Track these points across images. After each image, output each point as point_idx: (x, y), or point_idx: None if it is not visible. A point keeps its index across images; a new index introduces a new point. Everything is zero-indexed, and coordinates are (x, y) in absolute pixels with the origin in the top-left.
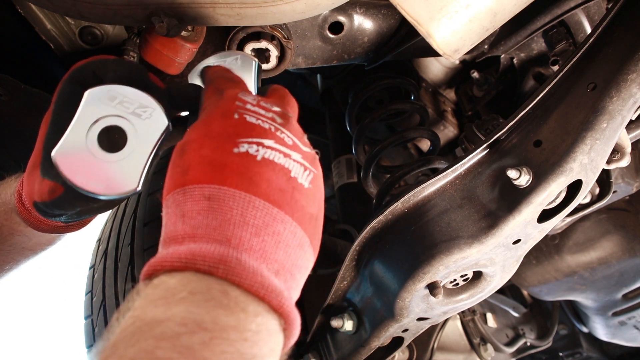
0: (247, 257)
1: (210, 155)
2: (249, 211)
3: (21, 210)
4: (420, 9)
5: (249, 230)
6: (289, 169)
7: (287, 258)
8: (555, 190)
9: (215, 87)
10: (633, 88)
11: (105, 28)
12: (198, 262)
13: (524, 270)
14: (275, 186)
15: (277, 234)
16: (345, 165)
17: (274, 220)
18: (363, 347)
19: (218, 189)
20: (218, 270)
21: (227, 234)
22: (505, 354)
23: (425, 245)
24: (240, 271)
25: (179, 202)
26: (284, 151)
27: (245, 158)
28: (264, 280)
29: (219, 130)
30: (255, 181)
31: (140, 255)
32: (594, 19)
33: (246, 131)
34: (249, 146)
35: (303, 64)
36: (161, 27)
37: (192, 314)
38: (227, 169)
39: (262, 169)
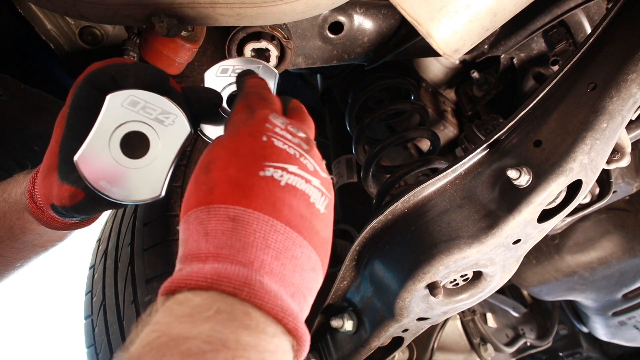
0: (269, 280)
1: (236, 176)
2: (271, 235)
3: (34, 210)
4: (420, 9)
5: (270, 253)
6: (309, 195)
7: (302, 281)
8: (555, 190)
9: (248, 103)
10: (633, 88)
11: (105, 28)
12: (223, 283)
13: (524, 270)
14: (297, 212)
15: (295, 258)
16: (345, 165)
17: (294, 244)
18: (363, 347)
19: (243, 211)
20: (242, 293)
21: (250, 256)
22: (505, 354)
23: (425, 245)
24: (263, 294)
25: (203, 220)
26: (306, 177)
27: (271, 183)
28: (283, 303)
29: (246, 151)
30: (278, 206)
31: (140, 255)
32: (594, 19)
33: (273, 155)
34: (274, 171)
35: (303, 64)
36: (161, 27)
37: (217, 333)
38: (253, 192)
39: (285, 194)
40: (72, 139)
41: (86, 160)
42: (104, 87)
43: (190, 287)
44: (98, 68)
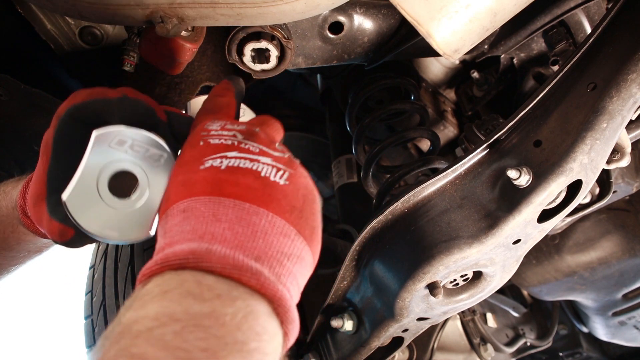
0: (220, 247)
1: (182, 178)
2: (220, 210)
3: (28, 224)
4: (420, 9)
5: (222, 225)
6: (258, 170)
7: (268, 245)
8: (555, 190)
9: (194, 123)
10: (633, 88)
11: (105, 28)
12: (170, 260)
13: (524, 270)
14: (245, 186)
15: (252, 225)
16: (345, 165)
17: (248, 213)
18: (363, 347)
19: (189, 201)
20: (189, 263)
21: (200, 232)
22: (505, 354)
23: (425, 245)
24: (210, 257)
25: (162, 225)
26: (250, 157)
27: (211, 170)
28: (237, 262)
29: (187, 159)
30: (222, 185)
31: (140, 255)
32: (594, 19)
33: (209, 151)
34: (212, 161)
35: (303, 64)
36: (161, 27)
37: (164, 308)
38: (196, 184)
39: (227, 175)
40: (58, 171)
41: (74, 200)
42: (88, 121)
43: (146, 277)
44: (80, 103)
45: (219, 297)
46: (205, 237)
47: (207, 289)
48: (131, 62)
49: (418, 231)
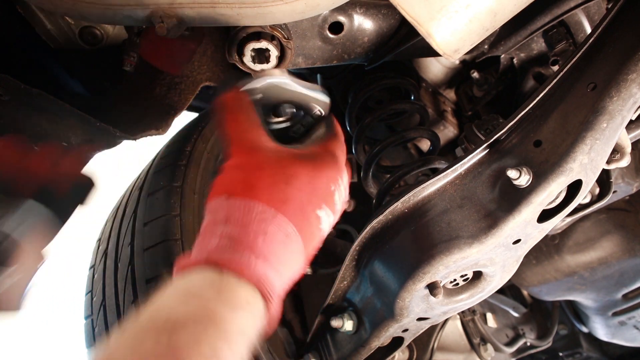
0: (279, 292)
1: (306, 205)
2: (295, 257)
3: None
4: (420, 9)
5: (289, 270)
6: (322, 236)
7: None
8: (555, 190)
9: (334, 149)
10: (633, 88)
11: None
12: (264, 284)
13: (524, 270)
14: (311, 244)
15: (292, 273)
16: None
17: (298, 265)
18: (363, 347)
19: (295, 233)
20: (269, 297)
21: (282, 270)
22: (505, 354)
23: (425, 245)
24: (273, 299)
25: (267, 222)
26: (330, 225)
27: (318, 220)
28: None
29: (321, 188)
30: (309, 238)
31: (140, 255)
32: (594, 19)
33: (329, 202)
34: (324, 213)
35: (303, 64)
36: (161, 27)
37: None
38: (308, 223)
39: (317, 232)
40: None
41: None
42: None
43: (242, 274)
44: None
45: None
46: (283, 278)
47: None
48: (131, 62)
49: (418, 231)
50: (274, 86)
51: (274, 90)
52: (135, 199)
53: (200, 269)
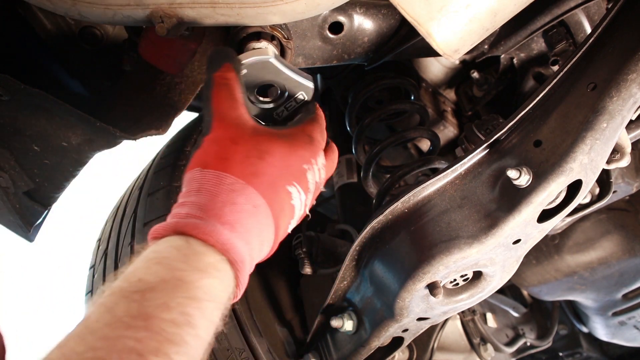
0: (248, 259)
1: (276, 179)
2: (266, 231)
3: None
4: (420, 9)
5: (257, 244)
6: (294, 215)
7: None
8: (555, 190)
9: (312, 131)
10: (633, 88)
11: (105, 28)
12: (229, 251)
13: (524, 270)
14: (284, 224)
15: (261, 247)
16: (345, 165)
17: (269, 244)
18: (363, 347)
19: (264, 205)
20: (236, 263)
21: (250, 239)
22: (505, 354)
23: (425, 245)
24: (240, 264)
25: (237, 193)
26: (301, 206)
27: (288, 196)
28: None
29: (294, 165)
30: (280, 214)
31: None
32: (594, 19)
33: (301, 181)
34: (294, 190)
35: (303, 64)
36: (161, 27)
37: (214, 289)
38: (278, 196)
39: (288, 209)
40: None
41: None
42: None
43: (212, 242)
44: None
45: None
46: (249, 243)
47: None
48: (131, 62)
49: (418, 231)
50: (260, 63)
51: (259, 67)
52: (135, 199)
53: (169, 237)
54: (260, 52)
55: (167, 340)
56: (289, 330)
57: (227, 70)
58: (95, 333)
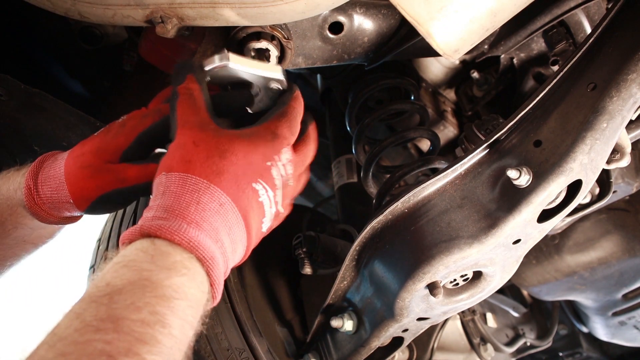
0: (220, 259)
1: (241, 176)
2: (236, 229)
3: (30, 204)
4: (420, 9)
5: (229, 243)
6: (265, 215)
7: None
8: (555, 190)
9: (272, 129)
10: (633, 88)
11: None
12: (195, 248)
13: (524, 270)
14: (254, 222)
15: (235, 253)
16: (345, 165)
17: (242, 245)
18: (363, 347)
19: (230, 203)
20: (206, 262)
21: (221, 237)
22: (505, 354)
23: (425, 245)
24: (217, 269)
25: (201, 192)
26: (272, 204)
27: (255, 194)
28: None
29: (256, 163)
30: (249, 212)
31: None
32: (594, 19)
33: (266, 178)
34: (261, 188)
35: (303, 64)
36: (161, 27)
37: (184, 287)
38: (244, 193)
39: (257, 206)
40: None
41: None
42: None
43: (171, 238)
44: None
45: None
46: (219, 242)
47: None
48: (131, 62)
49: (418, 231)
50: (219, 69)
51: (221, 72)
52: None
53: (136, 241)
54: (221, 57)
55: (137, 340)
56: (289, 330)
57: (190, 82)
58: (64, 339)
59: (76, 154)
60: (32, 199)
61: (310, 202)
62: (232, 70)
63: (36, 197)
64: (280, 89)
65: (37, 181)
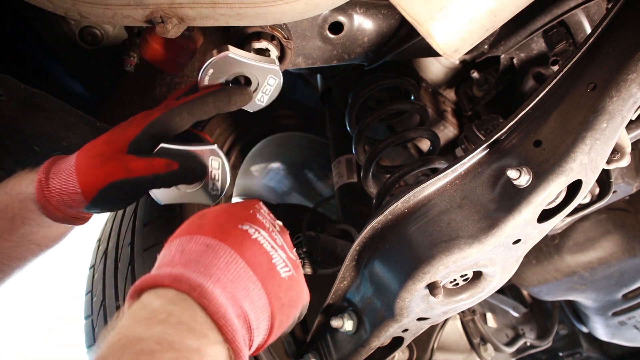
0: (220, 292)
1: (222, 222)
2: (232, 265)
3: (39, 197)
4: (420, 9)
5: (228, 276)
6: (271, 256)
7: (250, 310)
8: (555, 190)
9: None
10: (633, 88)
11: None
12: (182, 282)
13: (524, 270)
14: (257, 260)
15: (247, 289)
16: (345, 165)
17: (248, 279)
18: (363, 347)
19: (217, 242)
20: (194, 293)
21: (211, 271)
22: (505, 354)
23: (425, 245)
24: (211, 297)
25: (184, 243)
26: (272, 244)
27: (244, 233)
28: (227, 313)
29: (235, 212)
30: (244, 249)
31: (140, 255)
32: (594, 19)
33: (253, 220)
34: (250, 227)
35: (303, 64)
36: (161, 27)
37: (166, 335)
38: (229, 234)
39: (252, 244)
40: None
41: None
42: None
43: (154, 284)
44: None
45: (206, 337)
46: (213, 277)
47: (199, 327)
48: (131, 62)
49: (418, 231)
50: (221, 60)
51: (223, 64)
52: None
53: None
54: (220, 49)
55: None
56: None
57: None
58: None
59: (87, 147)
60: (42, 192)
61: (310, 202)
62: (231, 63)
63: (46, 190)
64: (277, 81)
65: (48, 175)
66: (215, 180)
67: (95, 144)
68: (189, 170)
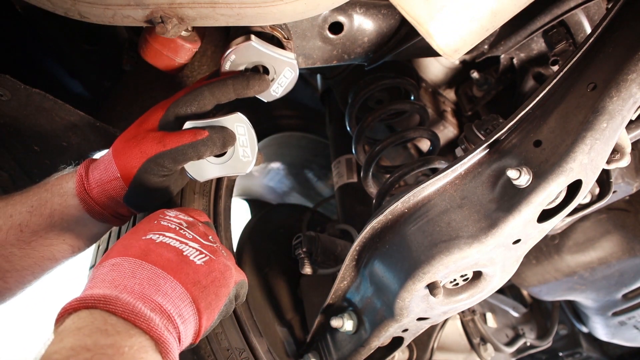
0: (127, 296)
1: (126, 242)
2: (138, 270)
3: (79, 190)
4: (420, 9)
5: (135, 281)
6: (182, 250)
7: (166, 302)
8: (555, 190)
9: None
10: (633, 88)
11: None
12: (87, 301)
13: (524, 270)
14: (164, 258)
15: (157, 285)
16: (345, 165)
17: (157, 276)
18: (363, 347)
19: (121, 259)
20: (99, 304)
21: (116, 283)
22: (505, 354)
23: (425, 245)
24: (116, 302)
25: (94, 271)
26: (182, 240)
27: (147, 241)
28: (135, 309)
29: (139, 228)
30: (149, 254)
31: None
32: (594, 19)
33: (156, 228)
34: (153, 234)
35: (303, 64)
36: (161, 27)
37: (78, 341)
38: (132, 247)
39: (157, 247)
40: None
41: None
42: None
43: (68, 312)
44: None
45: (119, 333)
46: (119, 287)
47: (111, 327)
48: (131, 62)
49: (418, 231)
50: (244, 48)
51: (245, 51)
52: None
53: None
54: (245, 37)
55: None
56: (289, 330)
57: None
58: None
59: (121, 135)
60: (82, 185)
61: (310, 202)
62: (253, 52)
63: (86, 183)
64: (293, 74)
65: (88, 169)
66: (244, 146)
67: (128, 130)
68: (219, 136)
